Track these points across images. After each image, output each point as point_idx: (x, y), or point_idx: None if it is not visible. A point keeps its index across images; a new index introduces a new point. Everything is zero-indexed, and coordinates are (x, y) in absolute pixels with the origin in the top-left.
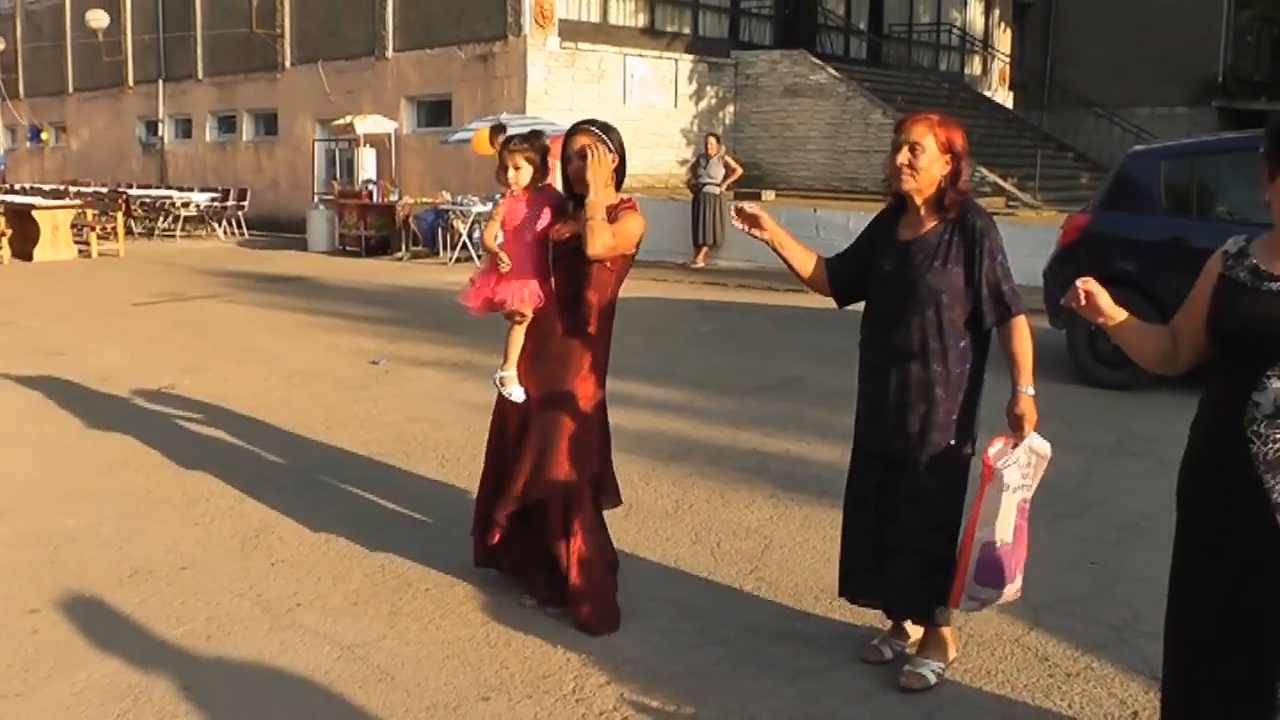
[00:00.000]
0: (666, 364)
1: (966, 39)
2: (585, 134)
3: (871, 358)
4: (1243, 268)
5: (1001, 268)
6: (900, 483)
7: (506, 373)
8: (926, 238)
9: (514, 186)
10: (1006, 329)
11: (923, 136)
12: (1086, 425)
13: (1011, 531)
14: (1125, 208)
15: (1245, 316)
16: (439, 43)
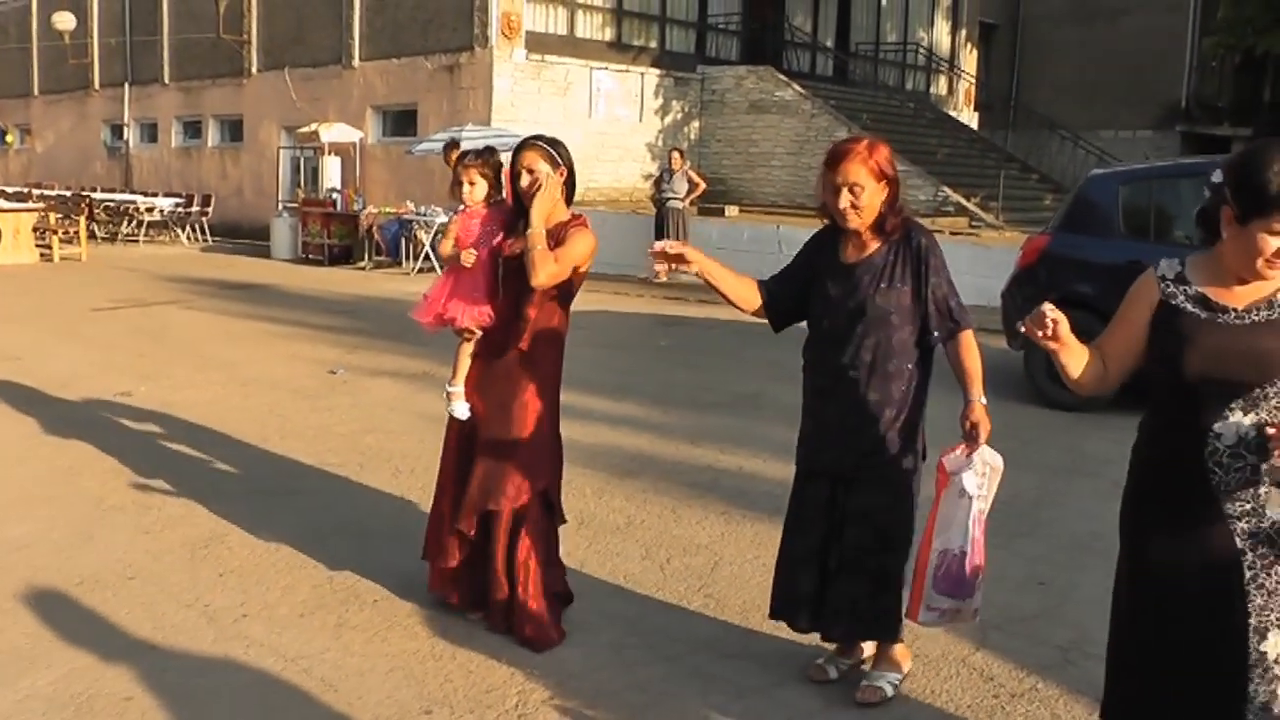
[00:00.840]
0: (624, 378)
1: (933, 59)
2: (533, 150)
3: (818, 379)
4: (1187, 296)
5: (948, 283)
6: (848, 502)
7: (454, 389)
8: (872, 259)
9: (468, 202)
10: (955, 343)
11: (858, 175)
12: (1041, 445)
13: (969, 541)
14: (1084, 230)
15: (1208, 353)
16: (405, 52)
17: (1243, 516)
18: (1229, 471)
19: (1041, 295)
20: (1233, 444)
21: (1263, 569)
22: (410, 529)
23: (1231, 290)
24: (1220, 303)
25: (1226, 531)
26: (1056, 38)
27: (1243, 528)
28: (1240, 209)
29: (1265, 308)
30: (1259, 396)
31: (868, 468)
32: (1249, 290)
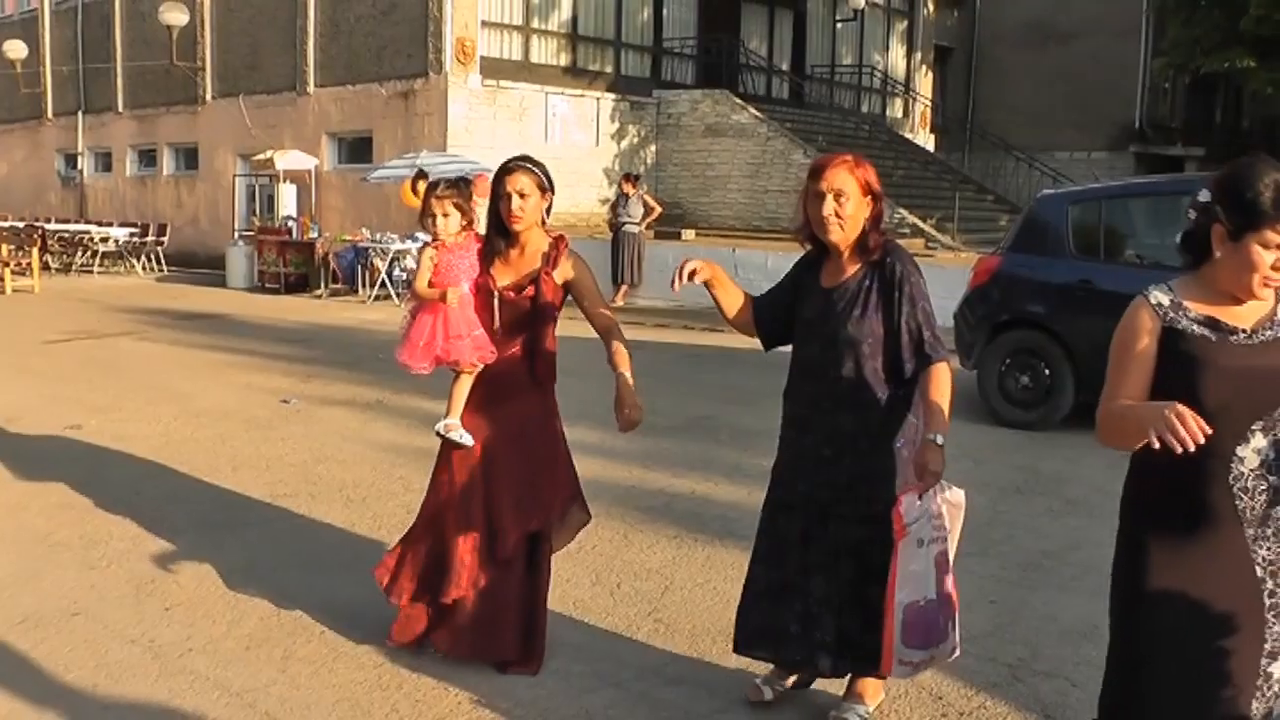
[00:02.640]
0: (580, 404)
1: (888, 82)
2: (524, 173)
3: (795, 408)
4: (1191, 319)
5: (923, 313)
6: (832, 537)
7: (451, 420)
8: (847, 284)
9: (443, 235)
10: (925, 375)
11: (845, 183)
12: (995, 464)
13: (934, 587)
14: (1035, 250)
15: (1229, 376)
16: (360, 79)
17: (1263, 543)
18: (1254, 496)
19: (994, 315)
20: (1255, 466)
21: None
22: (361, 559)
23: (1235, 312)
24: (1229, 324)
25: (1248, 560)
26: (1011, 61)
27: (1264, 555)
28: (1233, 225)
29: (1270, 327)
30: (1278, 417)
31: (847, 501)
32: (1251, 311)
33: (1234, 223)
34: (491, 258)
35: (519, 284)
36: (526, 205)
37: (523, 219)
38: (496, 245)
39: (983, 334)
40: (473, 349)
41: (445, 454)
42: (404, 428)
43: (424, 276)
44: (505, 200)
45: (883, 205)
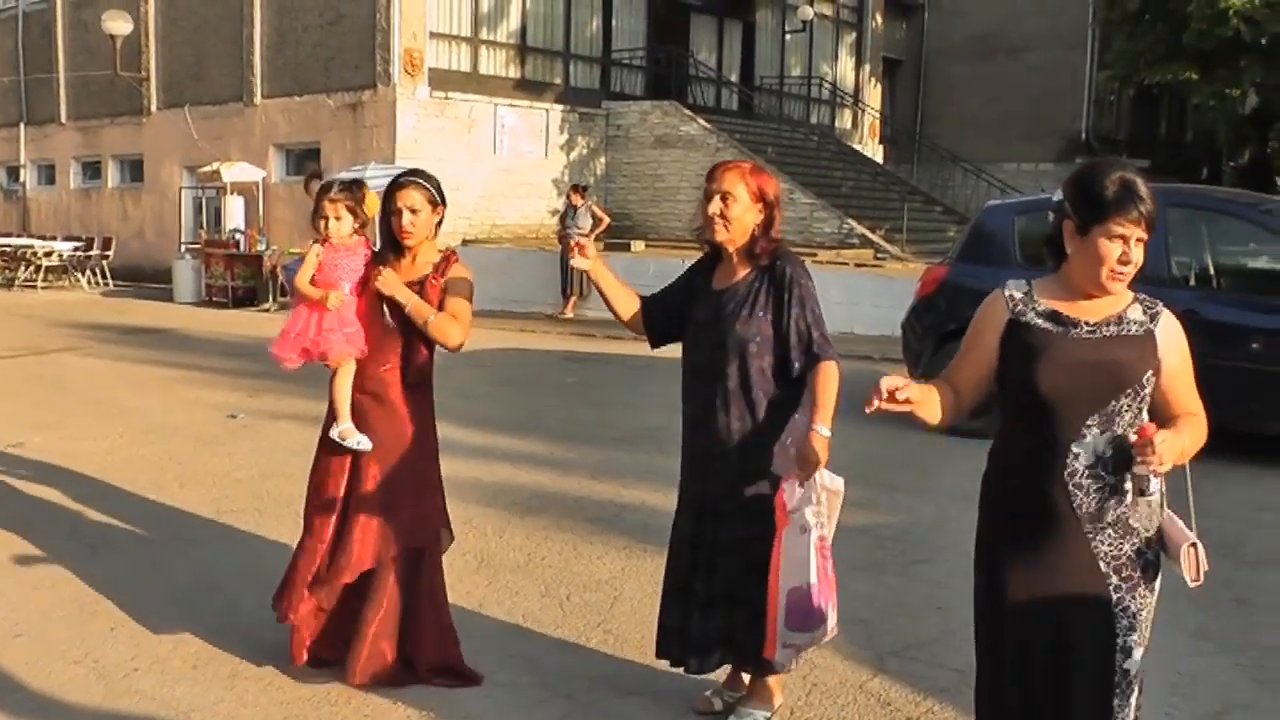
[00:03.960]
0: (528, 415)
1: (837, 93)
2: (415, 188)
3: (689, 408)
4: (1037, 313)
5: (812, 315)
6: (718, 533)
7: (344, 425)
8: (737, 287)
9: (333, 236)
10: (813, 374)
11: (734, 186)
12: (940, 473)
13: (815, 572)
14: (981, 260)
15: (1061, 367)
16: (308, 90)
17: (1105, 541)
18: (1088, 493)
19: (941, 324)
20: (1090, 463)
21: (1127, 592)
22: None
23: (1082, 306)
24: (1071, 317)
25: (1091, 557)
26: (959, 73)
27: (1105, 551)
28: (1080, 219)
29: (1116, 323)
30: (1114, 411)
31: (735, 498)
32: (1099, 306)
33: (1081, 218)
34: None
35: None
36: (417, 220)
37: (413, 234)
38: (386, 259)
39: (930, 343)
40: (344, 342)
41: (319, 465)
42: None
43: (306, 273)
44: (396, 216)
45: (777, 214)
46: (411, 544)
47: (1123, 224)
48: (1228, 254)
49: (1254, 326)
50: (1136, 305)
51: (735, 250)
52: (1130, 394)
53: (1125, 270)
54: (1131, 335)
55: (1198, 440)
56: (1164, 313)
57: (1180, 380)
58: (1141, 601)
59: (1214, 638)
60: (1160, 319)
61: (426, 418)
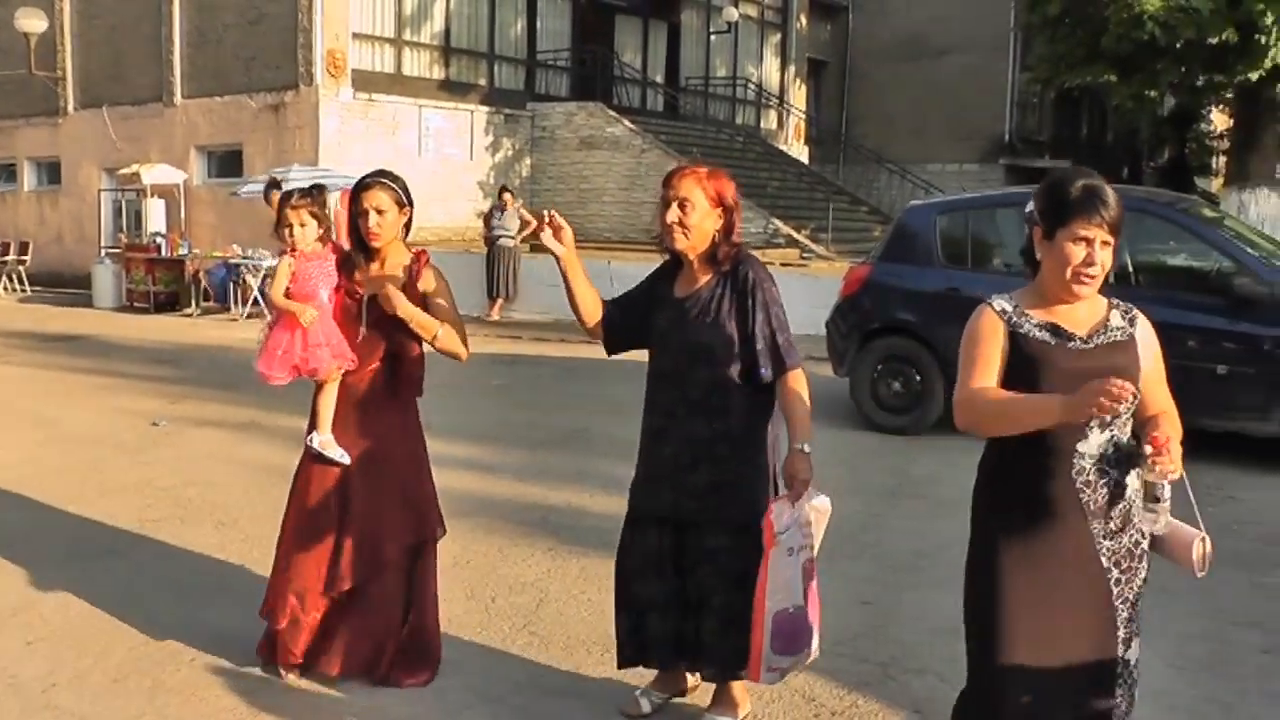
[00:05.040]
0: (455, 419)
1: (763, 94)
2: (381, 189)
3: (652, 418)
4: (1034, 325)
5: (777, 320)
6: (695, 545)
7: (324, 436)
8: (700, 293)
9: (300, 244)
10: (782, 384)
11: (691, 192)
12: (868, 470)
13: (802, 595)
14: (904, 259)
15: (1067, 375)
16: (229, 90)
17: (1108, 535)
18: (1095, 489)
19: (865, 324)
20: (1096, 460)
21: (1126, 584)
22: (231, 583)
23: (1071, 318)
24: (1068, 330)
25: (1094, 552)
26: (884, 75)
27: (1108, 546)
28: (1046, 225)
29: (1103, 332)
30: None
31: (707, 509)
32: (1085, 318)
33: (1047, 223)
34: (351, 273)
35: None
36: (384, 221)
37: (381, 235)
38: (356, 261)
39: (854, 342)
40: (332, 357)
41: (305, 472)
42: (278, 447)
43: (281, 285)
44: (363, 217)
45: (736, 218)
46: (406, 545)
47: (1086, 226)
48: (1146, 252)
49: (1172, 323)
50: (1115, 311)
51: (696, 257)
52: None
53: (1091, 273)
54: (1119, 342)
55: (1178, 435)
56: (1139, 316)
57: (1156, 380)
58: (1138, 592)
59: None
60: (1137, 323)
61: (413, 421)
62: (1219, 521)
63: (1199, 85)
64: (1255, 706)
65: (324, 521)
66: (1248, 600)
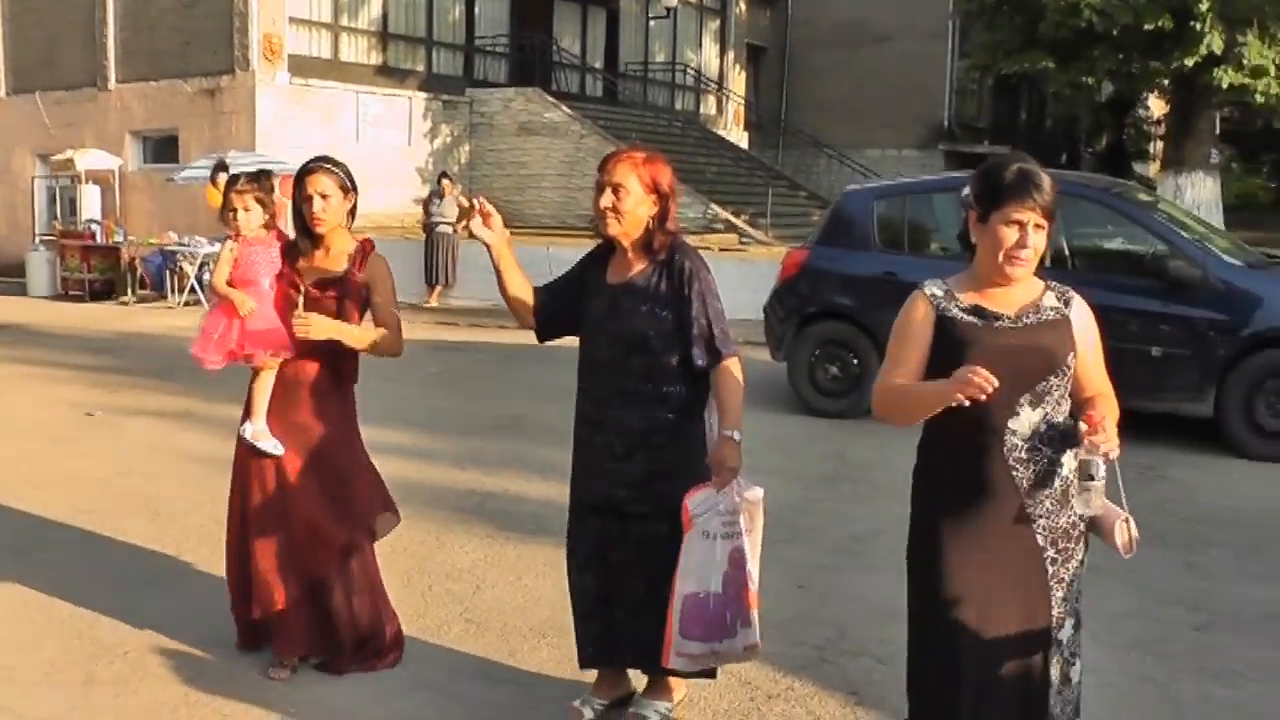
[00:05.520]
0: (392, 407)
1: (702, 79)
2: (325, 173)
3: (585, 407)
4: (961, 308)
5: (713, 309)
6: (630, 535)
7: (258, 426)
8: (634, 281)
9: (244, 229)
10: (717, 372)
11: (625, 177)
12: (804, 454)
13: (721, 582)
14: (841, 244)
15: (993, 355)
16: (164, 75)
17: (1043, 515)
18: (1028, 467)
19: (803, 308)
20: (1028, 437)
21: (1063, 564)
22: (164, 575)
23: (1000, 299)
24: (993, 310)
25: (1030, 531)
26: (824, 61)
27: (1043, 524)
28: (981, 208)
29: (1034, 312)
30: (1044, 390)
31: (643, 499)
32: (1015, 299)
33: (982, 206)
34: (296, 259)
35: (323, 282)
36: (329, 206)
37: (325, 220)
38: (301, 247)
39: (792, 326)
40: (269, 343)
41: (242, 462)
42: (213, 436)
43: (223, 272)
44: (307, 202)
45: (672, 205)
46: (345, 538)
47: (1019, 210)
48: (1081, 236)
49: (1107, 305)
50: (1050, 293)
51: (630, 244)
52: (1058, 374)
53: (1023, 255)
54: (1050, 321)
55: (1115, 416)
56: (1075, 298)
57: (1093, 362)
58: (1075, 571)
59: None
60: (1073, 304)
61: (349, 410)
62: (1152, 501)
63: (1135, 72)
64: (1186, 683)
65: (264, 514)
66: (1179, 579)
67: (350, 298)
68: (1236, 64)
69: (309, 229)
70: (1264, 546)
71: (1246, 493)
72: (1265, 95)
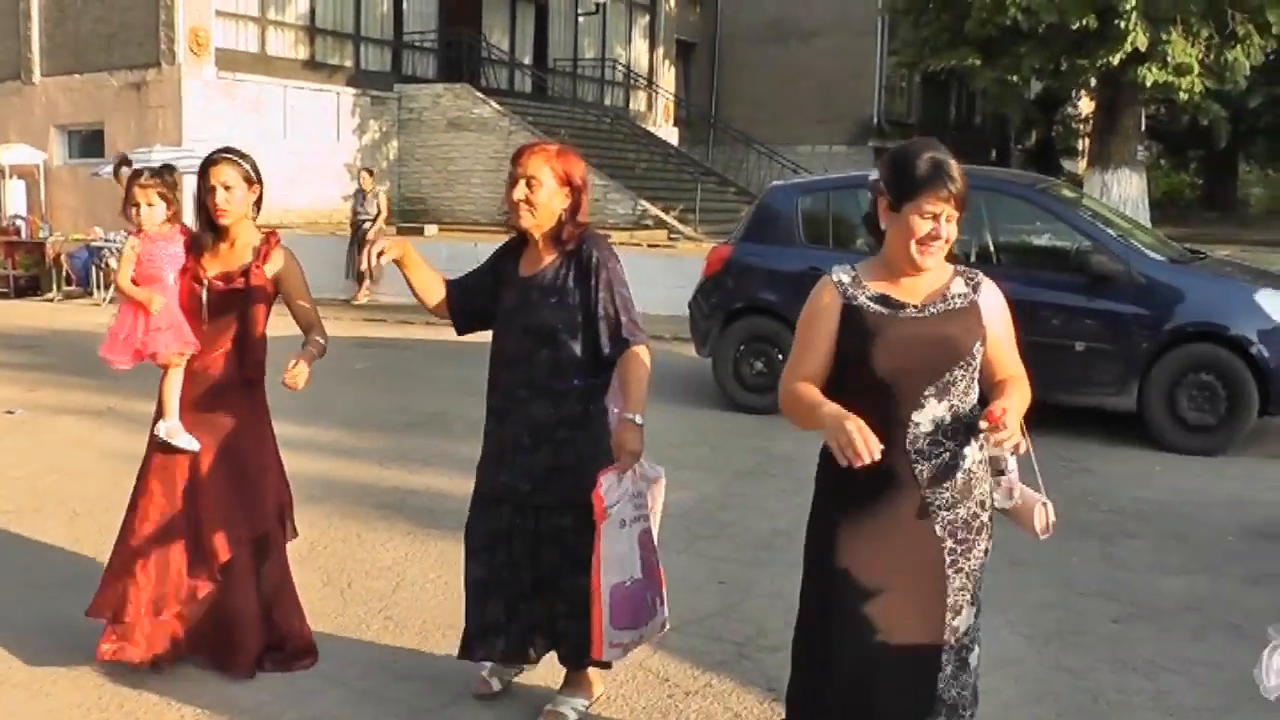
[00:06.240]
0: (316, 403)
1: (631, 75)
2: (229, 164)
3: (495, 399)
4: (868, 297)
5: (621, 299)
6: (537, 529)
7: (171, 423)
8: (544, 273)
9: (147, 225)
10: (623, 359)
11: (539, 170)
12: (729, 449)
13: (639, 566)
14: (766, 240)
15: (897, 345)
16: (90, 68)
17: (943, 506)
18: (929, 459)
19: (728, 303)
20: (930, 430)
21: (962, 554)
22: (84, 575)
23: (907, 288)
24: (899, 299)
25: (929, 521)
26: (754, 57)
27: (944, 516)
28: (893, 196)
29: (941, 301)
30: (949, 383)
31: (549, 490)
32: (922, 286)
33: (894, 195)
34: (200, 252)
35: (228, 275)
36: (233, 198)
37: (229, 212)
38: (205, 240)
39: (717, 322)
40: (173, 340)
41: (150, 462)
42: (136, 434)
43: (126, 270)
44: (211, 193)
45: (584, 198)
46: (255, 534)
47: (933, 201)
48: (1007, 231)
49: (1031, 300)
50: (958, 279)
51: (542, 236)
52: (963, 365)
53: (935, 246)
54: (958, 309)
55: (1025, 400)
56: (985, 282)
57: (1004, 345)
58: (975, 562)
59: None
60: (982, 288)
61: (260, 406)
62: (1074, 493)
63: (1062, 70)
64: (1103, 674)
65: (170, 514)
66: (1099, 571)
67: (256, 292)
68: (1160, 62)
69: (213, 221)
70: (1183, 539)
71: (1167, 485)
72: (1189, 93)
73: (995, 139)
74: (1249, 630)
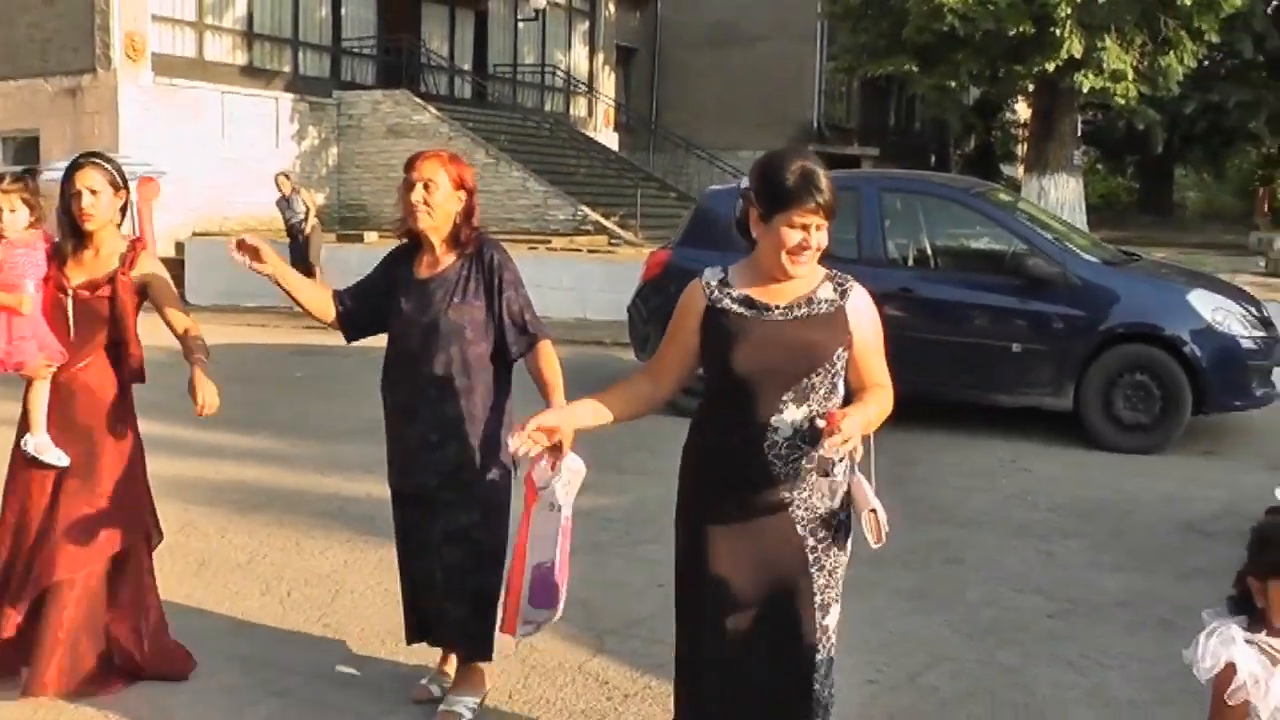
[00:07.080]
0: (254, 412)
1: (571, 81)
2: (94, 168)
3: (397, 398)
4: (732, 299)
5: (522, 298)
6: (439, 523)
7: (39, 439)
8: (445, 274)
9: (8, 230)
10: (533, 355)
11: (435, 173)
12: (670, 454)
13: (558, 551)
14: (705, 244)
15: (756, 348)
16: (23, 74)
17: (802, 505)
18: (787, 462)
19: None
20: (789, 436)
21: (824, 552)
22: None
23: (772, 290)
24: (763, 301)
25: (789, 520)
26: (694, 62)
27: (802, 515)
28: (763, 207)
29: (805, 304)
30: (808, 388)
31: (453, 486)
32: (789, 289)
33: (764, 206)
34: (64, 259)
35: (94, 283)
36: (98, 202)
37: (95, 217)
38: (69, 248)
39: (656, 326)
40: (39, 351)
41: (15, 477)
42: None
43: None
44: (75, 198)
45: (475, 202)
46: (118, 547)
47: (802, 214)
48: (943, 235)
49: (968, 303)
50: (827, 283)
51: (440, 238)
52: (822, 371)
53: (805, 257)
54: (822, 314)
55: (884, 410)
56: (854, 288)
57: (870, 352)
58: (836, 560)
59: (926, 597)
60: (850, 294)
61: (128, 417)
62: (1013, 493)
63: (999, 76)
64: (1040, 669)
65: (31, 527)
66: (1036, 567)
67: (122, 299)
68: (1096, 68)
69: (77, 227)
70: (1119, 536)
71: (1104, 484)
72: (1125, 98)
73: (935, 144)
74: (1181, 625)
